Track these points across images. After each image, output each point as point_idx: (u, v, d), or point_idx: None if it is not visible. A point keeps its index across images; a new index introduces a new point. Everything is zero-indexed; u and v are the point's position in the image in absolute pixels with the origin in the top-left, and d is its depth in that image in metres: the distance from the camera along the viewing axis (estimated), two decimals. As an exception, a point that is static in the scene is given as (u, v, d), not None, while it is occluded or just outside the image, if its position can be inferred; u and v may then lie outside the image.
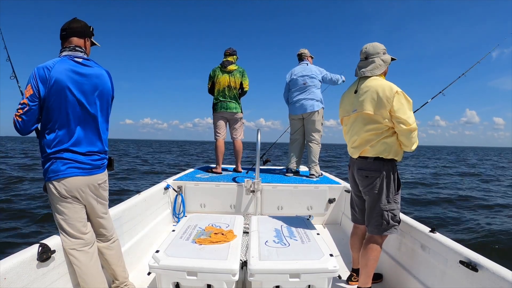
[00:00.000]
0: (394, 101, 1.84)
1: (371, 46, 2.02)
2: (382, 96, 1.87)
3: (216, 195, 3.52)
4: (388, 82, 1.93)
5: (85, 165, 1.69)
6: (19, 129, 1.59)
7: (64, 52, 1.72)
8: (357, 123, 2.02)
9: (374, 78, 1.98)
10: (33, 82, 1.58)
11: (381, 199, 1.95)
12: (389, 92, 1.86)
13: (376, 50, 2.01)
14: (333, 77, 4.17)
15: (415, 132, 1.88)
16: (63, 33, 1.76)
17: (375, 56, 2.00)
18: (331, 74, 4.17)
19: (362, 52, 2.04)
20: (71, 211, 1.67)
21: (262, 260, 1.76)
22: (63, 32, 1.75)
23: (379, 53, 2.01)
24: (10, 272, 1.34)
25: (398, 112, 1.84)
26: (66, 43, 1.75)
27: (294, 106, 4.13)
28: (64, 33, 1.75)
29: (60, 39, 1.78)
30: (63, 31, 1.75)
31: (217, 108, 4.19)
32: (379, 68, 2.00)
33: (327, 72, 4.16)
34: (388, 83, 1.92)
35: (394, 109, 1.84)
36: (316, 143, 4.09)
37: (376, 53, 2.00)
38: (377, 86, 1.91)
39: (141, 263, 2.51)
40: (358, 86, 2.03)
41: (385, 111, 1.87)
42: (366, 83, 1.98)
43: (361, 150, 2.00)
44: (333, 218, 3.59)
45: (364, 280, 1.98)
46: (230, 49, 4.21)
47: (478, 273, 1.50)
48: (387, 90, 1.87)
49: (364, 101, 1.95)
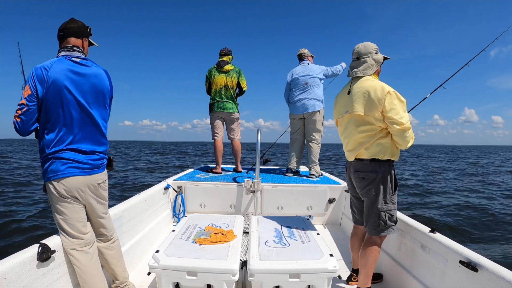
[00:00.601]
0: (386, 101, 1.82)
1: (362, 46, 2.01)
2: (373, 97, 1.85)
3: (216, 195, 3.52)
4: (380, 83, 1.91)
5: (85, 164, 1.69)
6: (19, 130, 1.60)
7: (62, 52, 1.72)
8: (350, 125, 2.01)
9: (366, 79, 1.97)
10: (31, 82, 1.58)
11: (378, 200, 1.95)
12: (380, 92, 1.84)
13: (368, 50, 1.99)
14: (333, 70, 4.18)
15: (409, 131, 1.86)
16: (60, 33, 1.76)
17: (366, 56, 1.99)
18: (331, 68, 4.18)
19: (354, 52, 2.03)
20: (71, 211, 1.67)
21: (262, 260, 1.76)
22: (60, 32, 1.76)
23: (371, 53, 1.99)
24: (10, 272, 1.34)
25: (390, 112, 1.82)
26: (63, 43, 1.75)
27: (295, 106, 4.13)
28: (62, 33, 1.75)
29: (57, 40, 1.78)
30: (61, 31, 1.76)
31: (214, 108, 4.19)
32: (371, 68, 1.99)
33: (327, 68, 4.17)
34: (380, 83, 1.90)
35: (386, 110, 1.83)
36: (317, 143, 4.10)
37: (368, 53, 1.99)
38: (368, 87, 1.90)
39: (141, 263, 2.51)
40: (351, 87, 2.02)
41: (377, 112, 1.85)
42: (358, 84, 1.97)
43: (356, 153, 1.99)
44: (333, 218, 3.59)
45: (363, 280, 1.98)
46: (226, 49, 4.21)
47: (478, 273, 1.50)
48: (378, 90, 1.85)
49: (355, 102, 1.93)
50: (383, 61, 2.05)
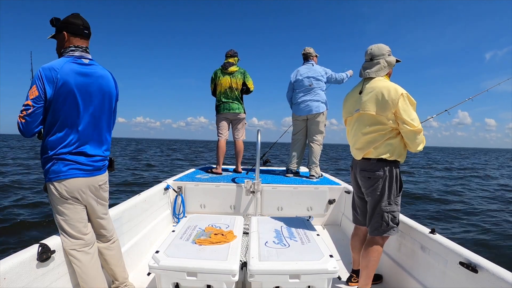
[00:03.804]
0: (400, 103, 1.84)
1: (376, 48, 2.02)
2: (387, 98, 1.87)
3: (216, 196, 3.52)
4: (393, 84, 1.93)
5: (87, 166, 1.69)
6: (23, 131, 1.55)
7: (72, 53, 1.68)
8: (360, 124, 2.02)
9: (379, 79, 1.99)
10: (39, 83, 1.53)
11: (382, 201, 1.95)
12: (394, 94, 1.86)
13: (381, 52, 2.01)
14: (338, 77, 4.18)
15: (421, 133, 1.89)
16: (85, 31, 1.71)
17: (380, 57, 2.01)
18: (336, 74, 4.18)
19: (367, 53, 2.05)
20: (72, 212, 1.67)
21: (262, 261, 1.76)
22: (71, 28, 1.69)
23: (384, 55, 2.01)
24: (10, 272, 1.34)
25: (403, 114, 1.85)
26: (73, 42, 1.70)
27: (298, 107, 4.13)
28: (73, 30, 1.69)
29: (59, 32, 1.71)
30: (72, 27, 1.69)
31: (220, 109, 4.23)
32: (383, 69, 2.01)
33: (332, 73, 4.16)
34: (394, 84, 1.92)
35: (400, 111, 1.85)
36: (318, 144, 4.11)
37: (381, 55, 2.01)
38: (382, 88, 1.91)
39: (141, 264, 2.51)
40: (363, 87, 2.03)
41: (390, 112, 1.87)
42: (371, 84, 1.99)
43: (364, 151, 1.99)
44: (333, 219, 3.59)
45: (364, 281, 1.98)
46: (231, 51, 4.26)
47: (478, 274, 1.50)
48: (392, 92, 1.87)
49: (368, 102, 1.95)
50: (395, 64, 2.06)
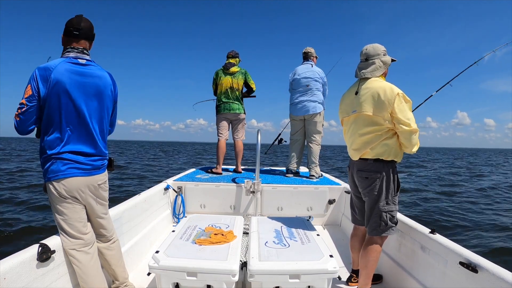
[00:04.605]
0: (395, 103, 1.85)
1: (371, 47, 2.02)
2: (383, 98, 1.87)
3: (216, 196, 3.52)
4: (389, 84, 1.93)
5: (85, 165, 1.69)
6: (17, 129, 1.61)
7: (70, 53, 1.69)
8: (356, 124, 2.02)
9: (375, 80, 1.99)
10: (33, 83, 1.57)
11: (380, 200, 1.95)
12: (390, 94, 1.86)
13: (377, 52, 2.01)
14: (326, 91, 4.20)
15: (417, 133, 1.89)
16: (74, 32, 1.69)
17: (375, 57, 2.01)
18: (326, 88, 4.19)
19: (363, 53, 2.04)
20: (71, 212, 1.67)
21: (262, 261, 1.76)
22: (74, 31, 1.69)
23: (379, 55, 2.01)
24: (10, 272, 1.34)
25: (399, 114, 1.85)
26: (74, 43, 1.70)
27: (296, 107, 4.13)
28: (77, 32, 1.69)
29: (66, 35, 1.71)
30: (75, 30, 1.69)
31: (221, 109, 4.24)
32: (379, 69, 2.00)
33: (325, 84, 4.16)
34: (389, 84, 1.92)
35: (396, 111, 1.85)
36: (317, 144, 4.11)
37: (377, 55, 2.01)
38: (378, 88, 1.92)
39: (141, 264, 2.51)
40: (358, 87, 2.03)
41: (386, 112, 1.87)
42: (367, 84, 1.99)
43: (361, 152, 1.99)
44: (333, 219, 3.59)
45: (364, 281, 1.98)
46: (233, 52, 4.28)
47: (478, 274, 1.50)
48: (388, 92, 1.87)
49: (364, 102, 1.95)
50: (391, 63, 2.06)
